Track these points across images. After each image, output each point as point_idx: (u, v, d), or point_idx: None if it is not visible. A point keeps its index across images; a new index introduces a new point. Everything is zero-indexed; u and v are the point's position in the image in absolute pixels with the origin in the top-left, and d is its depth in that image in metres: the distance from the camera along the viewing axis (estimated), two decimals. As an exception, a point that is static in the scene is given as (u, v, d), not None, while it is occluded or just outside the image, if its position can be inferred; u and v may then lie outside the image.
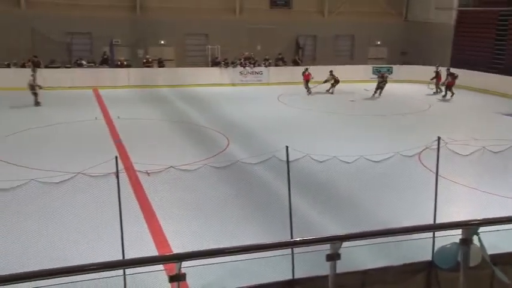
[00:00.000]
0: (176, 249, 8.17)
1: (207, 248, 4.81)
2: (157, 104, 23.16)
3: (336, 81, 26.34)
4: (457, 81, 28.82)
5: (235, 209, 10.43)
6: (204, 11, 30.50)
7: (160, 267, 5.52)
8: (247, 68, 28.98)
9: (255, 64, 29.33)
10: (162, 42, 30.14)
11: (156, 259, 4.25)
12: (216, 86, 27.83)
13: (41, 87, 21.68)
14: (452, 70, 26.47)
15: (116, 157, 6.61)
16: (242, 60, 29.31)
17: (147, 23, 29.25)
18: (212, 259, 5.05)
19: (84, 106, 21.78)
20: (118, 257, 6.28)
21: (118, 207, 6.49)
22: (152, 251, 8.30)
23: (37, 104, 21.40)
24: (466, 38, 30.33)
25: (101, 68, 27.59)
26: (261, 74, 29.23)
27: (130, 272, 5.73)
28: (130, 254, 6.19)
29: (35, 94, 21.44)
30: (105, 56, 28.25)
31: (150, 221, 9.81)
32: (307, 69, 26.86)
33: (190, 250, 4.78)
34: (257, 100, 24.61)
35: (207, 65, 29.91)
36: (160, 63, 29.03)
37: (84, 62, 27.56)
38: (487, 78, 27.20)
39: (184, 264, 4.62)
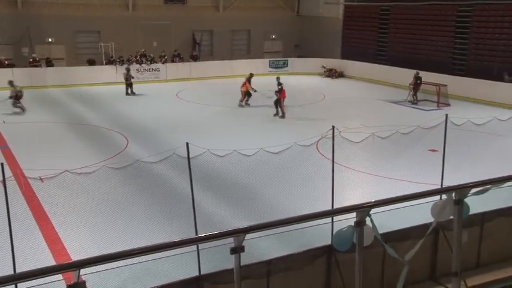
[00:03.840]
0: (77, 256, 7.76)
1: (109, 252, 4.63)
2: (47, 105, 21.79)
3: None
4: (346, 72, 30.68)
5: (137, 210, 10.17)
6: (94, 6, 29.20)
7: (59, 277, 5.22)
8: (143, 65, 28.27)
9: (151, 61, 28.68)
10: (50, 39, 28.37)
11: (51, 269, 4.00)
12: (111, 85, 26.81)
13: None
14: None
15: (2, 164, 6.13)
16: (138, 58, 28.52)
17: (31, 19, 27.33)
18: (115, 263, 4.89)
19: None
20: (8, 271, 5.83)
21: (7, 218, 6.03)
22: (49, 261, 7.82)
23: None
24: (354, 31, 32.18)
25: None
26: (158, 70, 28.68)
27: (23, 287, 5.35)
28: (23, 267, 5.78)
29: None
30: (-18, 55, 25.99)
31: (45, 229, 9.24)
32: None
33: (92, 256, 4.58)
34: (155, 97, 24.12)
35: (101, 63, 28.68)
36: (49, 63, 27.29)
37: (-43, 62, 25.13)
38: (374, 68, 29.08)
39: (86, 270, 4.41)
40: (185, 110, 21.66)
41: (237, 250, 5.24)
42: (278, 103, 19.98)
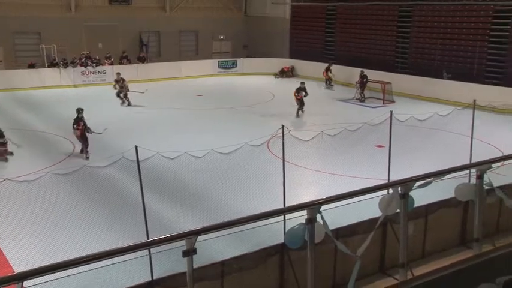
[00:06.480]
0: (20, 267, 7.45)
1: (55, 262, 4.48)
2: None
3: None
4: (295, 72, 31.09)
5: (86, 216, 9.88)
6: (33, 6, 28.05)
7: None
8: (88, 67, 27.50)
9: (97, 63, 27.92)
10: (-15, 42, 27.14)
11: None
12: (55, 88, 25.94)
13: None
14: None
15: None
16: (82, 60, 27.72)
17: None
18: (61, 272, 4.73)
19: None
20: None
21: None
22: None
23: None
24: (301, 31, 32.62)
25: None
26: (105, 73, 27.96)
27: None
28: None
29: None
30: None
31: (-15, 241, 8.79)
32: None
33: (36, 266, 4.42)
34: (103, 100, 23.49)
35: (43, 66, 27.65)
36: (-15, 66, 26.07)
37: None
38: (322, 67, 29.52)
39: (30, 282, 4.25)
40: (133, 112, 21.23)
41: (189, 252, 5.21)
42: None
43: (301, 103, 20.22)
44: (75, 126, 14.62)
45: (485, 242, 8.24)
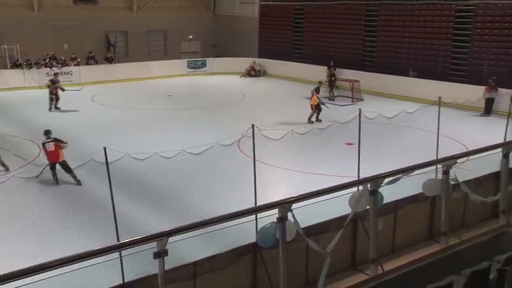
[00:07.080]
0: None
1: (21, 268, 4.37)
2: None
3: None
4: (268, 71, 31.16)
5: (55, 220, 9.65)
6: (-6, 6, 27.31)
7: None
8: (54, 68, 26.89)
9: (62, 64, 27.32)
10: None
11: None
12: (19, 90, 25.28)
13: None
14: None
15: None
16: (47, 60, 27.08)
17: None
18: (28, 278, 4.62)
19: None
20: None
21: None
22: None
23: None
24: (270, 30, 32.74)
25: None
26: (71, 74, 27.42)
27: None
28: None
29: None
30: None
31: None
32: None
33: (2, 273, 4.30)
34: (70, 101, 23.01)
35: (5, 67, 26.88)
36: None
37: None
38: (291, 66, 29.77)
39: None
40: (102, 114, 20.89)
41: (161, 254, 5.17)
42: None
43: (316, 108, 18.89)
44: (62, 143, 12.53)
45: (452, 235, 8.45)
